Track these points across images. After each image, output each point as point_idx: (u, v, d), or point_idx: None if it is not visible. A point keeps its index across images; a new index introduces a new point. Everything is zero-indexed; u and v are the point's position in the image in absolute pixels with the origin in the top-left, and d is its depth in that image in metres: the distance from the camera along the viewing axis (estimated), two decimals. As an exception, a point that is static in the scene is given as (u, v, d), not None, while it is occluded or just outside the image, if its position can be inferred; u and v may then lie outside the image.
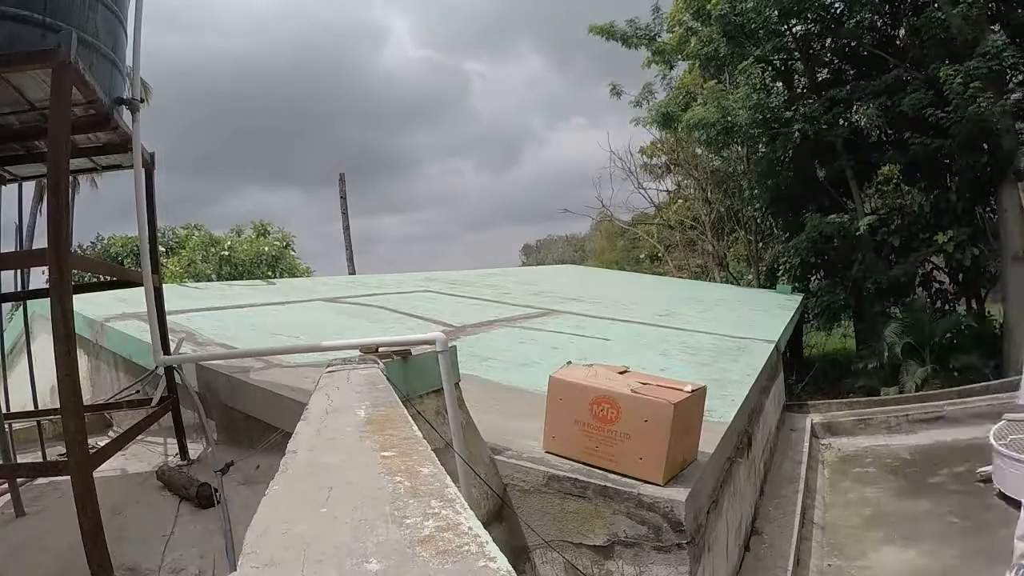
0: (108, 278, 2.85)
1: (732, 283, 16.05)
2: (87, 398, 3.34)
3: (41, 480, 2.73)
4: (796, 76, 12.54)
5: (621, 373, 2.35)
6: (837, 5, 10.58)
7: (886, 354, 9.59)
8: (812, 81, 11.98)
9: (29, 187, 2.91)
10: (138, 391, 3.31)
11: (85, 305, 3.99)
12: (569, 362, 2.49)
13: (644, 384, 2.22)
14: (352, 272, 17.94)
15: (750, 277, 15.98)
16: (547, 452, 2.36)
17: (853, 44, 11.24)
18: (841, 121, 10.81)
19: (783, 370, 7.32)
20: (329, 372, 1.89)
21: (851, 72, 11.56)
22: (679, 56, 13.36)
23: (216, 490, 2.36)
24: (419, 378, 2.19)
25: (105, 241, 18.12)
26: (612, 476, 2.18)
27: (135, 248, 16.22)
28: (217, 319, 4.50)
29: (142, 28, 2.49)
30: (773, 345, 5.48)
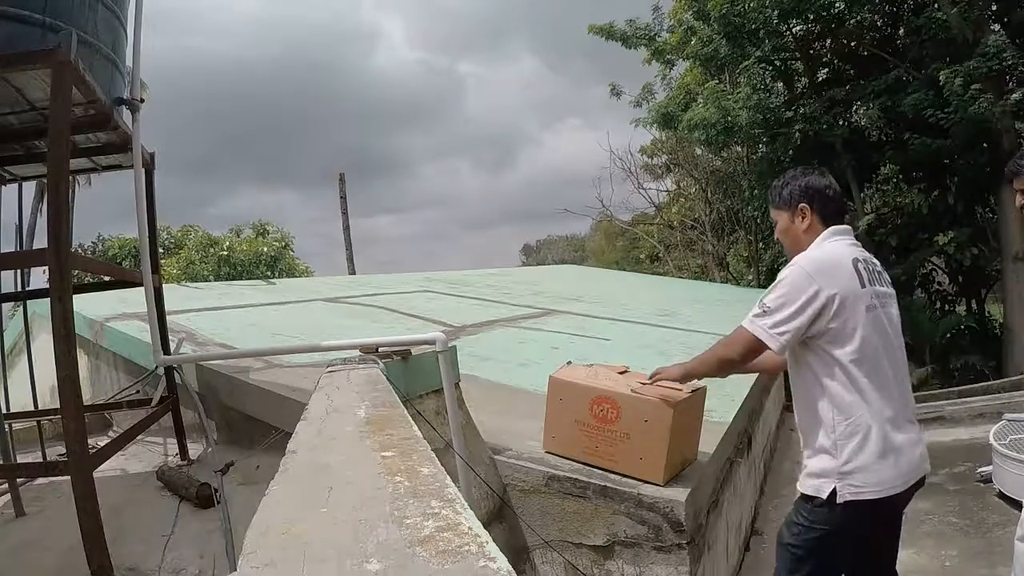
0: (108, 278, 2.85)
1: (732, 283, 16.07)
2: (87, 398, 3.33)
3: (41, 480, 2.73)
4: (796, 76, 12.54)
5: (621, 373, 2.35)
6: (837, 5, 10.58)
7: (886, 354, 9.58)
8: (812, 81, 11.99)
9: (29, 187, 2.92)
10: (138, 391, 3.31)
11: (85, 305, 3.98)
12: (569, 362, 2.49)
13: (644, 384, 2.21)
14: (352, 272, 17.95)
15: (750, 277, 15.99)
16: (547, 452, 2.36)
17: (853, 44, 11.25)
18: (841, 121, 10.83)
19: (783, 370, 7.30)
20: (329, 372, 1.89)
21: (851, 72, 11.56)
22: (679, 56, 13.37)
23: (216, 490, 2.36)
24: (419, 378, 2.19)
25: (104, 243, 18.13)
26: (612, 476, 2.18)
27: (133, 249, 16.23)
28: (217, 319, 4.49)
29: (142, 28, 2.49)
30: (773, 345, 5.46)
